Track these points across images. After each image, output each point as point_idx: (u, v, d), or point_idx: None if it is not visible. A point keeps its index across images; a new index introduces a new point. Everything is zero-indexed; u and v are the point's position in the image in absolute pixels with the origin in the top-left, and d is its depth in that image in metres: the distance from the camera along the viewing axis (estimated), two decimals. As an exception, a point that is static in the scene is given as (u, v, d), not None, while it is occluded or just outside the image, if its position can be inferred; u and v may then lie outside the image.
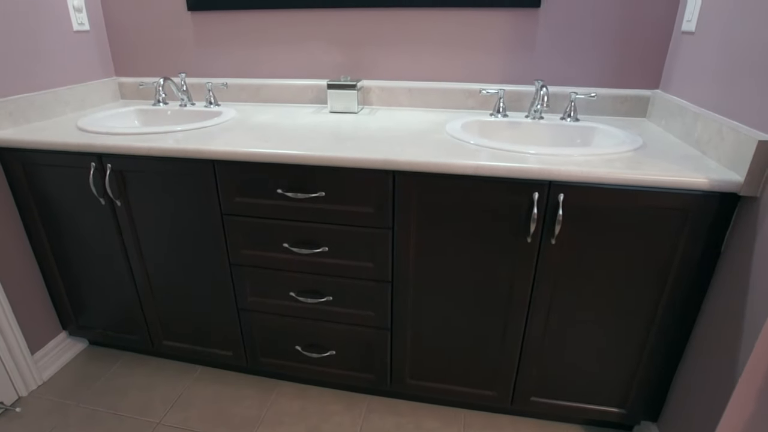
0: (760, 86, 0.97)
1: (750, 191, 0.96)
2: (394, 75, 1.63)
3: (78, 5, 1.65)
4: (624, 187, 1.03)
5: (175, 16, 1.71)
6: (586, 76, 1.49)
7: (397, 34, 1.57)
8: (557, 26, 1.45)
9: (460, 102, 1.59)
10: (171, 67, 1.79)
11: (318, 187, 1.20)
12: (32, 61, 1.50)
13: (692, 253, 1.07)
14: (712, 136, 1.10)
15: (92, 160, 1.32)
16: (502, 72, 1.54)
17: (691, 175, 0.99)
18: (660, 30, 1.40)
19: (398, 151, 1.14)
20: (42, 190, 1.43)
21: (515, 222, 1.13)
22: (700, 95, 1.20)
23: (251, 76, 1.74)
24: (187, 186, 1.29)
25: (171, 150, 1.23)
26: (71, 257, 1.52)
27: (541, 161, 1.07)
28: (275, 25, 1.65)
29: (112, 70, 1.84)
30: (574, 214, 1.08)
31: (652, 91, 1.46)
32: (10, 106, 1.42)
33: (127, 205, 1.37)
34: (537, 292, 1.19)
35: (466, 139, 1.22)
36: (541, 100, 1.33)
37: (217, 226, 1.32)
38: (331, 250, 1.27)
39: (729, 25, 1.10)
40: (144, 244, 1.42)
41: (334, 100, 1.57)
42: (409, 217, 1.18)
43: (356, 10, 1.57)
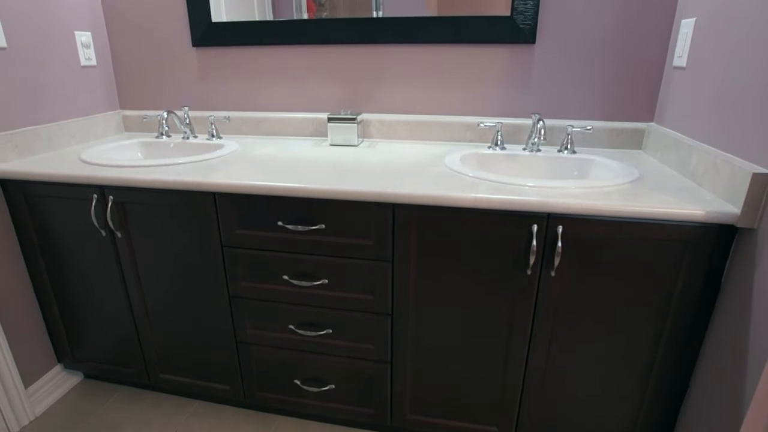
0: (751, 120, 0.99)
1: (747, 223, 0.97)
2: (393, 108, 1.66)
3: (86, 41, 1.70)
4: (622, 219, 1.04)
5: (180, 52, 1.76)
6: (582, 109, 1.52)
7: (396, 70, 1.61)
8: (552, 61, 1.49)
9: (459, 135, 1.62)
10: (174, 100, 1.83)
11: (318, 220, 1.21)
12: (40, 94, 1.54)
13: (693, 285, 1.06)
14: (707, 169, 1.11)
15: (94, 192, 1.33)
16: (499, 105, 1.58)
17: (688, 207, 1.00)
18: (652, 65, 1.44)
19: (397, 184, 1.15)
20: (43, 221, 1.43)
21: (515, 254, 1.13)
22: (693, 128, 1.23)
23: (253, 109, 1.78)
24: (187, 218, 1.30)
25: (172, 182, 1.24)
26: (70, 289, 1.52)
27: (540, 194, 1.08)
28: (277, 61, 1.69)
29: (116, 103, 1.88)
30: (574, 247, 1.09)
31: (647, 124, 1.49)
32: (16, 138, 1.45)
33: (128, 237, 1.37)
34: (538, 325, 1.18)
35: (465, 172, 1.23)
36: (538, 134, 1.35)
37: (216, 258, 1.32)
38: (330, 282, 1.27)
39: (718, 61, 1.13)
40: (143, 276, 1.42)
41: (335, 133, 1.60)
42: (408, 249, 1.18)
43: (356, 47, 1.61)
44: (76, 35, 1.66)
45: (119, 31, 1.78)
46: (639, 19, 1.40)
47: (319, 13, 1.60)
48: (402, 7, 1.53)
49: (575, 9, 1.43)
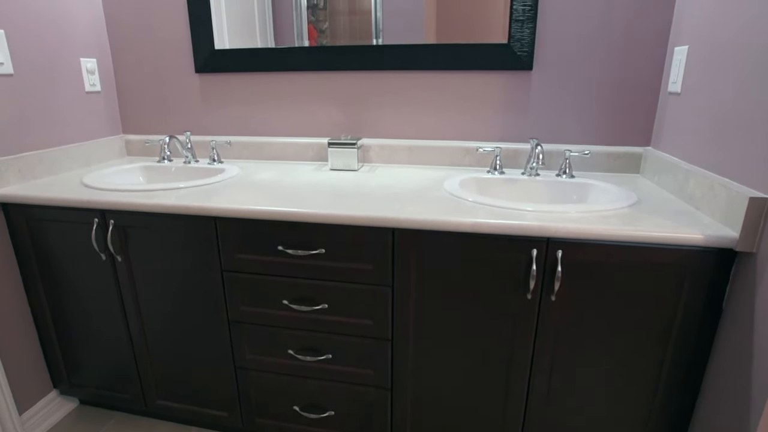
0: (745, 144, 1.00)
1: (746, 247, 0.97)
2: (393, 133, 1.68)
3: (91, 68, 1.73)
4: (621, 243, 1.04)
5: (183, 78, 1.79)
6: (580, 134, 1.54)
7: (396, 95, 1.64)
8: (549, 87, 1.52)
9: (458, 159, 1.63)
10: (177, 125, 1.86)
11: (318, 244, 1.21)
12: (45, 120, 1.56)
13: (694, 309, 1.06)
14: (704, 192, 1.12)
15: (95, 216, 1.34)
16: (498, 130, 1.60)
17: (687, 231, 1.00)
18: (648, 91, 1.46)
19: (397, 209, 1.16)
20: (43, 244, 1.43)
21: (515, 279, 1.13)
22: (690, 152, 1.24)
23: (254, 134, 1.80)
24: (188, 242, 1.30)
25: (173, 207, 1.25)
26: (68, 313, 1.51)
27: (539, 218, 1.08)
28: (279, 87, 1.72)
29: (119, 128, 1.90)
30: (574, 271, 1.09)
31: (644, 148, 1.50)
32: (19, 162, 1.46)
33: (128, 261, 1.37)
34: (538, 350, 1.17)
35: (464, 197, 1.24)
36: (537, 158, 1.37)
37: (216, 283, 1.32)
38: (330, 307, 1.26)
39: (712, 86, 1.15)
40: (142, 300, 1.42)
41: (335, 157, 1.61)
42: (408, 274, 1.18)
43: (356, 73, 1.64)
44: (82, 62, 1.69)
45: (124, 57, 1.82)
46: (633, 46, 1.43)
47: (320, 40, 1.64)
48: (401, 35, 1.57)
49: (570, 37, 1.46)
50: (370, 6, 1.57)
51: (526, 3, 1.43)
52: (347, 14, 1.60)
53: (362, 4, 1.58)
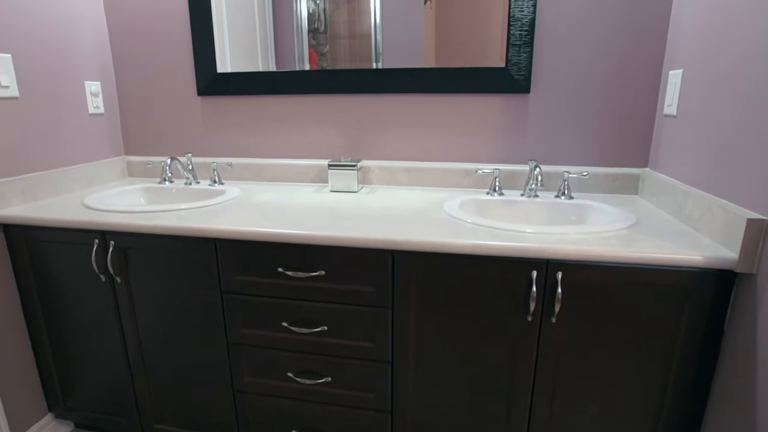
0: (742, 166, 1.01)
1: (745, 268, 0.97)
2: (392, 155, 1.70)
3: (95, 90, 1.75)
4: (621, 264, 1.04)
5: (186, 101, 1.81)
6: (578, 155, 1.56)
7: (396, 118, 1.66)
8: (547, 110, 1.54)
9: (457, 181, 1.64)
10: (178, 147, 1.87)
11: (318, 266, 1.21)
12: (48, 141, 1.58)
13: (695, 331, 1.05)
14: (703, 213, 1.13)
15: (96, 237, 1.34)
16: (496, 152, 1.61)
17: (686, 252, 1.01)
18: (644, 113, 1.48)
19: (397, 231, 1.16)
20: (43, 266, 1.43)
21: (515, 300, 1.12)
22: (687, 174, 1.25)
23: (255, 155, 1.81)
24: (188, 264, 1.30)
25: (174, 228, 1.25)
26: (65, 335, 1.50)
27: (538, 240, 1.09)
28: (280, 109, 1.74)
29: (121, 149, 1.92)
30: (574, 292, 1.09)
31: (641, 170, 1.52)
32: (22, 184, 1.47)
33: (127, 282, 1.37)
34: (540, 373, 1.16)
35: (464, 218, 1.25)
36: (535, 180, 1.38)
37: (216, 305, 1.32)
38: (330, 329, 1.25)
39: (707, 109, 1.16)
40: (141, 322, 1.41)
41: (335, 179, 1.63)
42: (408, 296, 1.18)
43: (356, 96, 1.67)
44: (86, 85, 1.71)
45: (127, 80, 1.84)
46: (629, 70, 1.46)
47: (321, 63, 1.67)
48: (401, 58, 1.60)
49: (567, 61, 1.49)
50: (370, 30, 1.60)
51: (523, 28, 1.46)
52: (347, 38, 1.63)
53: (362, 28, 1.61)
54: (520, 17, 1.46)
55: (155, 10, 1.75)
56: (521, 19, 1.46)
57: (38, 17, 1.51)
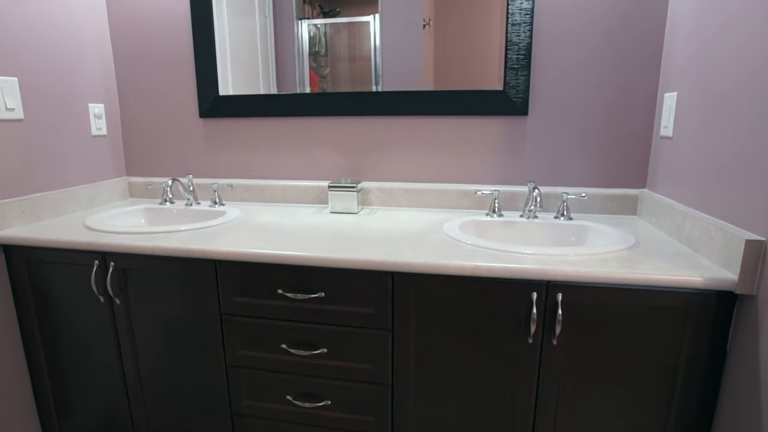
0: (739, 187, 1.02)
1: (746, 289, 0.97)
2: (392, 177, 1.71)
3: (98, 113, 1.77)
4: (621, 286, 1.04)
5: (188, 122, 1.83)
6: (576, 176, 1.57)
7: (395, 140, 1.68)
8: (545, 132, 1.56)
9: (457, 202, 1.65)
10: (180, 168, 1.89)
11: (318, 288, 1.21)
12: (51, 163, 1.59)
13: (698, 353, 1.05)
14: (701, 235, 1.13)
15: (96, 258, 1.34)
16: (496, 174, 1.62)
17: (685, 274, 1.01)
18: (641, 135, 1.50)
19: (397, 253, 1.16)
20: (42, 287, 1.43)
21: (515, 322, 1.12)
22: (684, 195, 1.26)
23: (256, 177, 1.83)
24: (187, 285, 1.30)
25: (174, 249, 1.25)
26: (63, 357, 1.49)
27: (538, 261, 1.09)
28: (280, 131, 1.76)
29: (123, 170, 1.93)
30: (574, 314, 1.08)
31: (640, 191, 1.53)
32: (24, 204, 1.48)
33: (126, 304, 1.37)
34: (542, 396, 1.15)
35: (464, 240, 1.25)
36: (534, 201, 1.39)
37: (215, 326, 1.31)
38: (329, 351, 1.25)
39: (702, 131, 1.18)
40: (139, 345, 1.40)
41: (335, 200, 1.64)
42: (408, 318, 1.17)
43: (357, 118, 1.69)
44: (90, 107, 1.74)
45: (131, 102, 1.87)
46: (624, 92, 1.48)
47: (322, 85, 1.69)
48: (400, 81, 1.62)
49: (563, 84, 1.51)
50: (370, 53, 1.63)
51: (520, 52, 1.49)
52: (348, 61, 1.66)
53: (362, 51, 1.64)
54: (517, 41, 1.49)
55: (160, 36, 1.78)
56: (518, 43, 1.49)
57: (45, 42, 1.54)
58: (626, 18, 1.44)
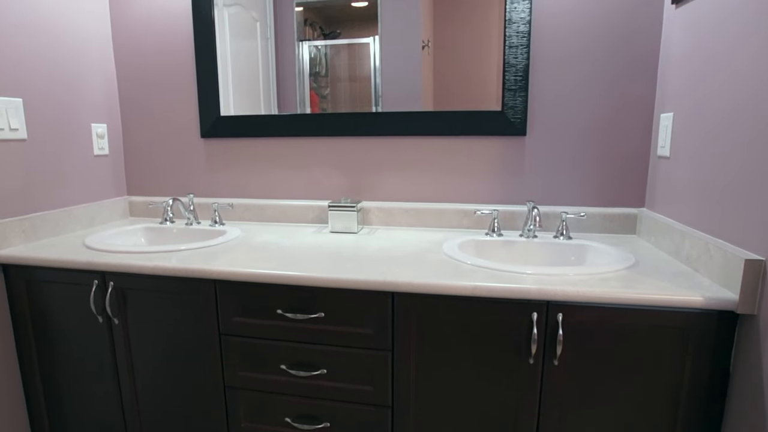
0: (736, 206, 1.03)
1: (746, 309, 0.97)
2: (392, 196, 1.72)
3: (101, 132, 1.79)
4: (621, 306, 1.04)
5: (189, 142, 1.85)
6: (575, 196, 1.58)
7: (395, 159, 1.69)
8: (543, 152, 1.57)
9: (456, 222, 1.66)
10: (181, 187, 1.90)
11: (317, 308, 1.20)
12: (53, 182, 1.60)
13: (700, 374, 1.04)
14: (701, 254, 1.13)
15: (95, 278, 1.34)
16: (495, 193, 1.63)
17: (686, 293, 1.00)
18: (638, 154, 1.51)
19: (397, 273, 1.16)
20: (40, 307, 1.42)
21: (516, 343, 1.11)
22: (683, 214, 1.26)
23: (256, 196, 1.83)
24: (186, 305, 1.30)
25: (174, 269, 1.25)
26: (59, 377, 1.47)
27: (538, 281, 1.09)
28: (281, 152, 1.78)
29: (124, 189, 1.94)
30: (575, 334, 1.08)
31: (638, 210, 1.53)
32: (24, 223, 1.48)
33: (125, 324, 1.36)
34: (544, 418, 1.14)
35: (463, 260, 1.25)
36: (534, 221, 1.39)
37: (214, 347, 1.30)
38: (329, 372, 1.24)
39: (699, 151, 1.19)
40: (137, 365, 1.39)
41: (335, 220, 1.64)
42: (408, 338, 1.17)
43: (357, 138, 1.71)
44: (93, 127, 1.75)
45: (133, 122, 1.89)
46: (622, 112, 1.50)
47: (322, 105, 1.71)
48: (400, 101, 1.64)
49: (561, 104, 1.53)
50: (369, 73, 1.66)
51: (518, 74, 1.51)
52: (348, 81, 1.68)
53: (362, 72, 1.66)
54: (514, 63, 1.51)
55: (163, 58, 1.81)
56: (516, 65, 1.51)
57: (50, 64, 1.56)
58: (621, 43, 1.47)
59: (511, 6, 1.49)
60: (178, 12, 1.77)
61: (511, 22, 1.50)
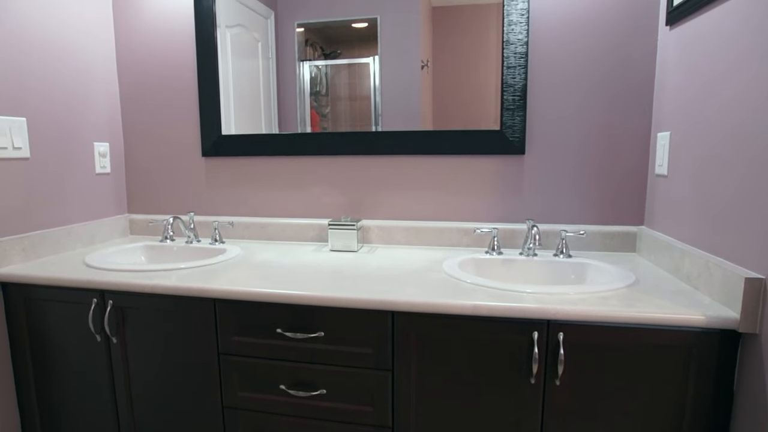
0: (735, 225, 1.03)
1: (748, 328, 0.96)
2: (392, 215, 1.73)
3: (103, 151, 1.80)
4: (622, 325, 1.04)
5: (190, 161, 1.86)
6: (574, 214, 1.58)
7: (395, 178, 1.70)
8: (542, 170, 1.58)
9: (456, 240, 1.66)
10: (181, 205, 1.90)
11: (317, 327, 1.20)
12: (55, 200, 1.60)
13: (704, 394, 1.03)
14: (701, 272, 1.13)
15: (94, 297, 1.33)
16: (494, 212, 1.64)
17: (687, 312, 1.00)
18: (636, 173, 1.52)
19: (396, 292, 1.16)
20: (38, 326, 1.42)
21: (517, 363, 1.11)
22: (682, 232, 1.27)
23: (256, 215, 1.84)
24: (186, 324, 1.29)
25: (173, 288, 1.25)
26: (55, 396, 1.45)
27: (538, 300, 1.08)
28: (281, 170, 1.79)
29: (125, 207, 1.95)
30: (577, 354, 1.07)
31: (638, 228, 1.54)
32: (24, 242, 1.48)
33: (123, 343, 1.35)
34: (546, 439, 1.12)
35: (463, 278, 1.25)
36: (533, 239, 1.40)
37: (213, 367, 1.29)
38: (329, 392, 1.22)
39: (696, 170, 1.20)
40: (134, 384, 1.37)
41: (335, 238, 1.64)
42: (409, 358, 1.16)
43: (356, 157, 1.72)
44: (95, 146, 1.77)
45: (135, 141, 1.90)
46: (619, 131, 1.51)
47: (322, 124, 1.73)
48: (399, 119, 1.66)
49: (559, 123, 1.55)
50: (369, 93, 1.68)
51: (516, 94, 1.53)
52: (348, 100, 1.70)
53: (362, 91, 1.68)
54: (512, 83, 1.53)
55: (166, 79, 1.83)
56: (514, 85, 1.53)
57: (55, 84, 1.59)
58: (618, 64, 1.49)
59: (509, 28, 1.51)
60: (181, 34, 1.80)
61: (508, 43, 1.52)
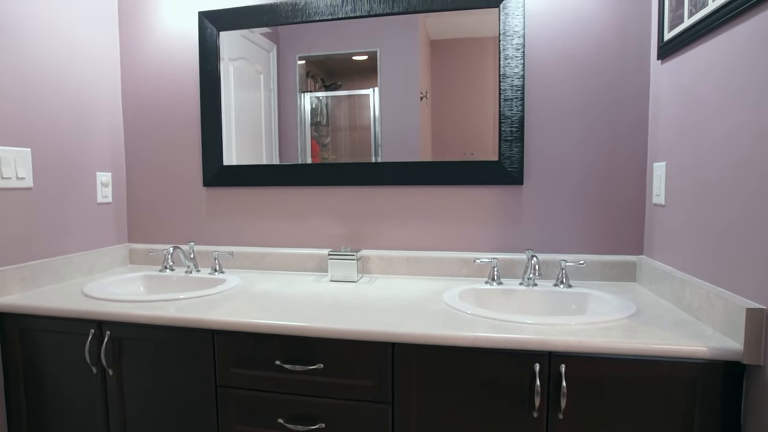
0: (735, 254, 1.03)
1: (753, 359, 0.95)
2: (392, 245, 1.73)
3: (105, 181, 1.82)
4: (625, 357, 1.02)
5: (191, 191, 1.88)
6: (573, 243, 1.58)
7: (395, 209, 1.71)
8: (540, 200, 1.59)
9: (456, 270, 1.66)
10: (181, 235, 1.91)
11: (316, 359, 1.18)
12: (56, 230, 1.61)
13: (710, 426, 1.01)
14: (702, 302, 1.13)
15: (91, 327, 1.32)
16: (494, 242, 1.64)
17: (690, 344, 0.99)
18: (634, 203, 1.54)
19: (396, 323, 1.15)
20: (33, 357, 1.40)
21: (519, 395, 1.09)
22: (682, 262, 1.27)
23: (256, 245, 1.84)
24: (183, 355, 1.28)
25: (171, 319, 1.24)
26: (47, 427, 1.43)
27: (539, 331, 1.08)
28: (282, 200, 1.80)
29: (125, 237, 1.95)
30: (579, 386, 1.06)
31: (637, 257, 1.54)
32: (24, 271, 1.48)
33: (119, 374, 1.33)
34: (550, 475, 1.10)
35: (464, 309, 1.24)
36: (533, 269, 1.39)
37: (210, 399, 1.27)
38: (327, 426, 1.20)
39: (693, 199, 1.21)
40: (129, 417, 1.34)
41: (335, 268, 1.64)
42: (409, 390, 1.14)
43: (356, 188, 1.73)
44: (98, 176, 1.79)
45: (137, 171, 1.92)
46: (616, 161, 1.53)
47: (322, 154, 1.75)
48: (399, 150, 1.68)
49: (556, 154, 1.57)
50: (369, 123, 1.70)
51: (513, 125, 1.56)
52: (348, 130, 1.73)
53: (362, 122, 1.71)
54: (510, 115, 1.56)
55: (169, 111, 1.87)
56: (511, 117, 1.56)
57: (61, 118, 1.62)
58: (613, 99, 1.52)
59: (505, 62, 1.55)
60: (185, 67, 1.84)
61: (505, 77, 1.56)
